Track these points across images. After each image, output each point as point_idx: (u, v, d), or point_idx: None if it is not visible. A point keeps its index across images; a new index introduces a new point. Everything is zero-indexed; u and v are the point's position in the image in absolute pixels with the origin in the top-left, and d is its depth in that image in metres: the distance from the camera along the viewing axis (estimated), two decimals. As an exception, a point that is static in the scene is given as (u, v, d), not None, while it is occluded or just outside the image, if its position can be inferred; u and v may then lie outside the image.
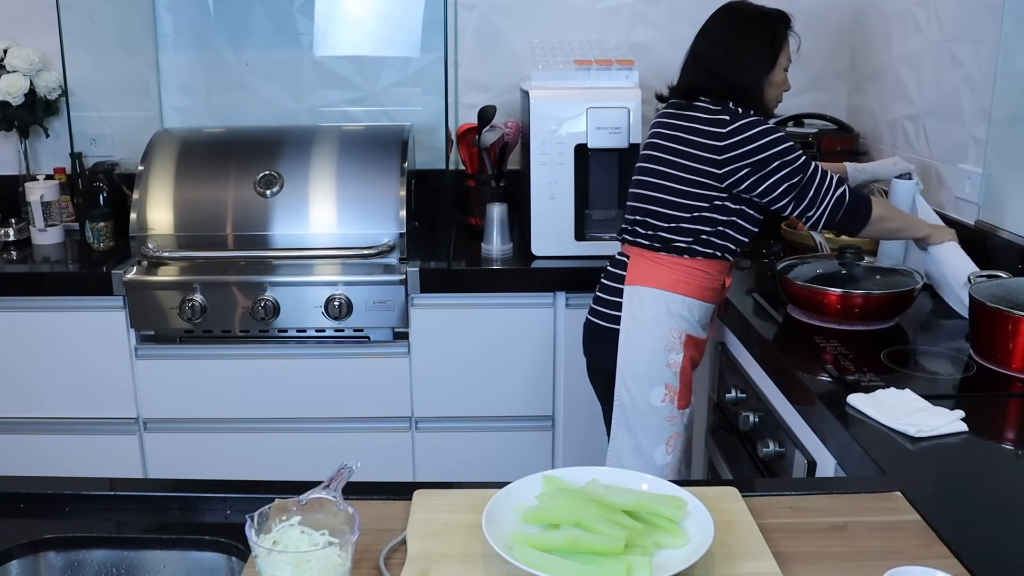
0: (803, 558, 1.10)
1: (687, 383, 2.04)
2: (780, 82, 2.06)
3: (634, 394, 2.01)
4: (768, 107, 2.08)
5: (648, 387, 2.00)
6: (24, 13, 2.85)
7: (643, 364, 2.00)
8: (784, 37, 2.06)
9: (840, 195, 1.96)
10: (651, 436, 2.02)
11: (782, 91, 2.09)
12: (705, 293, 2.02)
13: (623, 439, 2.04)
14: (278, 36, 2.95)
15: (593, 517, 1.07)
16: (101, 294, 2.46)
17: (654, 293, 1.99)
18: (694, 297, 2.00)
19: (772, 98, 2.07)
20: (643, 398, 2.01)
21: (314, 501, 1.05)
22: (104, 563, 1.19)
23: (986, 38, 2.20)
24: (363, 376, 2.52)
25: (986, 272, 1.93)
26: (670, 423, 2.02)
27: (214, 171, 2.63)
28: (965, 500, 1.28)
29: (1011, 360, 1.69)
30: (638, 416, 2.01)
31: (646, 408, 2.00)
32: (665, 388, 2.00)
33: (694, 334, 2.03)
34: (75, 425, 2.55)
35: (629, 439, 2.03)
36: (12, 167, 2.91)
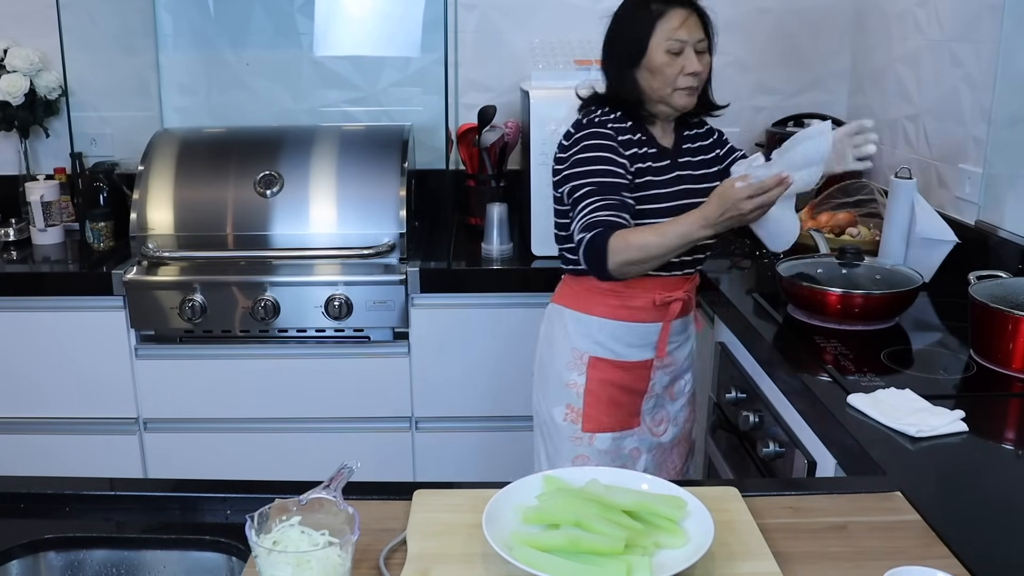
0: (803, 558, 1.10)
1: (595, 406, 1.92)
2: (661, 66, 1.79)
3: (541, 407, 2.01)
4: (659, 103, 1.85)
5: (552, 403, 1.97)
6: (24, 13, 2.85)
7: (548, 380, 1.98)
8: (654, 14, 1.80)
9: (580, 238, 1.75)
10: (558, 451, 1.98)
11: (676, 77, 1.80)
12: (618, 312, 1.89)
13: (538, 447, 2.05)
14: (278, 36, 2.95)
15: (593, 517, 1.07)
16: (101, 294, 2.46)
17: (558, 310, 1.96)
18: (602, 316, 1.89)
19: (658, 89, 1.82)
20: (548, 412, 1.99)
21: (314, 501, 1.05)
22: (104, 563, 1.19)
23: (986, 38, 2.20)
24: (363, 376, 2.52)
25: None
26: (574, 443, 1.95)
27: (214, 171, 2.63)
28: (965, 500, 1.28)
29: (1011, 360, 1.69)
30: (546, 428, 2.01)
31: (551, 422, 1.98)
32: (567, 408, 1.94)
33: (605, 356, 1.90)
34: (75, 425, 2.55)
35: (542, 448, 2.04)
36: (12, 167, 2.91)
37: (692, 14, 1.81)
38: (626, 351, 1.91)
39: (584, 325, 1.91)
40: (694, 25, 1.80)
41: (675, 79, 1.81)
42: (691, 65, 1.79)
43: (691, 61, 1.79)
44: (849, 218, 2.55)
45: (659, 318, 1.90)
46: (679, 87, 1.82)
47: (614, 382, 1.92)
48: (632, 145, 1.85)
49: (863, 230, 2.51)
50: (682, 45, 1.79)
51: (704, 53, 1.83)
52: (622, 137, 1.84)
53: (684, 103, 1.84)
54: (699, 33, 1.81)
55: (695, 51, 1.81)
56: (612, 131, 1.84)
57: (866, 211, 2.60)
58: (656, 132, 1.91)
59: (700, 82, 1.84)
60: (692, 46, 1.80)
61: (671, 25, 1.79)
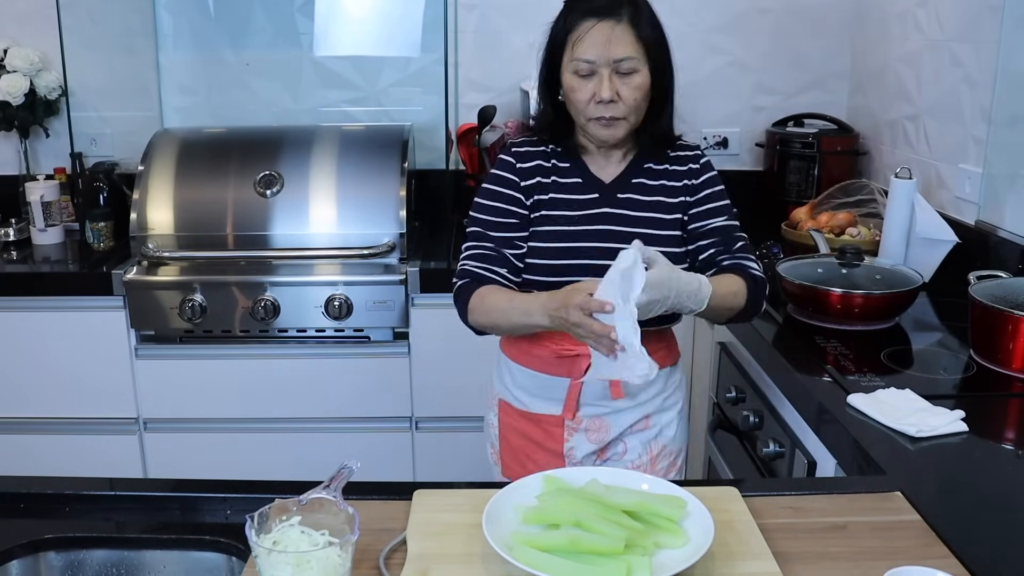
0: (803, 558, 1.10)
1: (510, 452, 1.72)
2: (568, 90, 1.54)
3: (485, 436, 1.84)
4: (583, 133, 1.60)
5: (486, 438, 1.81)
6: (24, 13, 2.85)
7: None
8: (568, 25, 1.53)
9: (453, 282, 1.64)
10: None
11: (587, 105, 1.52)
12: (523, 357, 1.67)
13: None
14: (278, 36, 2.95)
15: (593, 517, 1.08)
16: (101, 294, 2.46)
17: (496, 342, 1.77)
18: (511, 358, 1.70)
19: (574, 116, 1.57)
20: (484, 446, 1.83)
21: (314, 501, 1.05)
22: (104, 563, 1.19)
23: (986, 38, 2.20)
24: (363, 376, 2.52)
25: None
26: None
27: (214, 171, 2.63)
28: (965, 500, 1.27)
29: (1011, 360, 1.69)
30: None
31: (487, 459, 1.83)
32: (490, 447, 1.79)
33: (512, 403, 1.70)
34: (75, 425, 2.55)
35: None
36: (12, 167, 2.91)
37: (615, 26, 1.49)
38: (532, 401, 1.67)
39: (501, 364, 1.74)
40: (617, 40, 1.49)
41: (586, 107, 1.53)
42: (602, 91, 1.50)
43: (603, 86, 1.50)
44: (849, 218, 2.56)
45: (567, 372, 1.62)
46: (590, 116, 1.54)
47: (524, 433, 1.69)
48: (539, 173, 1.62)
49: (863, 230, 2.51)
50: (590, 67, 1.50)
51: (633, 74, 1.51)
52: (526, 164, 1.62)
53: (603, 135, 1.56)
54: (623, 50, 1.49)
55: (618, 72, 1.50)
56: (515, 157, 1.63)
57: (866, 211, 2.61)
58: (592, 161, 1.64)
59: (626, 111, 1.53)
60: (608, 67, 1.50)
61: (577, 39, 1.51)
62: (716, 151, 3.02)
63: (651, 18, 1.54)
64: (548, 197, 1.62)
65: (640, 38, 1.51)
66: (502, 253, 1.61)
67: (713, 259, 1.62)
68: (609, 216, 1.60)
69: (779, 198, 2.88)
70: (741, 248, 1.65)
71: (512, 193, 1.62)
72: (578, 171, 1.63)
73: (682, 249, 1.63)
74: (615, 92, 1.50)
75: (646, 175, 1.63)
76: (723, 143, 3.02)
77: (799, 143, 2.85)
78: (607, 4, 1.51)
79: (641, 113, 1.56)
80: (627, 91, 1.52)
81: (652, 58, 1.52)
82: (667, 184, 1.63)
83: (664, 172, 1.64)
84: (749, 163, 3.05)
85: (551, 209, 1.61)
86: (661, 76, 1.55)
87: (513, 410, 1.70)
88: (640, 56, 1.51)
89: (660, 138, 1.61)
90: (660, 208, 1.62)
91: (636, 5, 1.52)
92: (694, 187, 1.64)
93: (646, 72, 1.52)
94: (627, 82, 1.51)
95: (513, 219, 1.62)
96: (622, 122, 1.54)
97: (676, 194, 1.63)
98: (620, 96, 1.51)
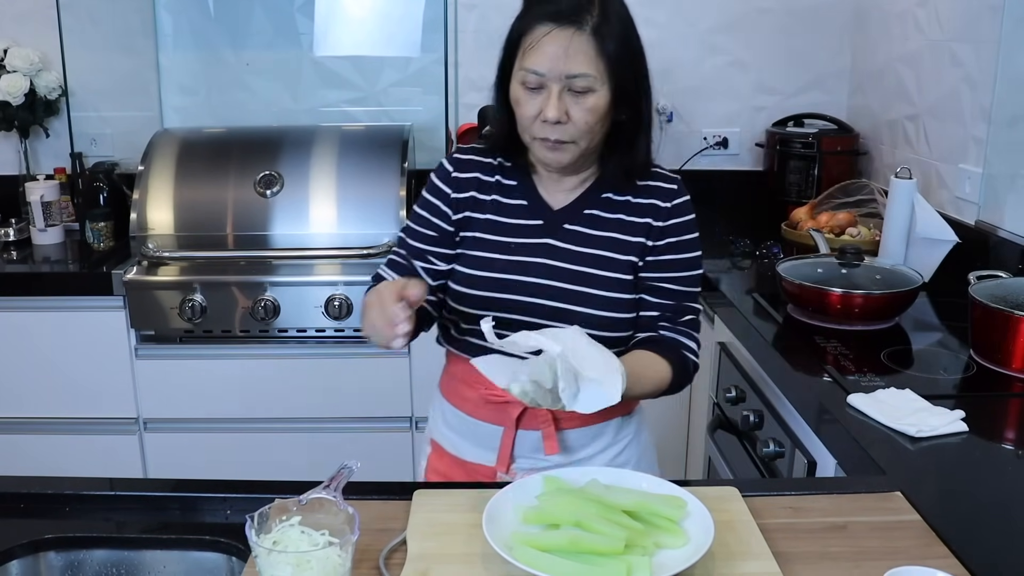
0: (803, 558, 1.10)
1: None
2: (514, 102, 1.35)
3: None
4: (530, 153, 1.41)
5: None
6: (24, 13, 2.85)
7: None
8: (522, 26, 1.32)
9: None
10: None
11: (532, 122, 1.33)
12: (454, 396, 1.52)
13: None
14: (278, 36, 2.95)
15: (593, 517, 1.07)
16: (101, 294, 2.46)
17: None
18: (443, 395, 1.55)
19: (527, 131, 1.36)
20: None
21: (314, 501, 1.05)
22: (104, 563, 1.19)
23: (986, 38, 2.19)
24: (363, 376, 2.51)
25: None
26: None
27: (214, 171, 2.63)
28: (965, 500, 1.27)
29: (1011, 360, 1.69)
30: None
31: None
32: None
33: (440, 443, 1.54)
34: (75, 425, 2.55)
35: None
36: (12, 167, 2.91)
37: (574, 35, 1.27)
38: (463, 445, 1.50)
39: (435, 401, 1.57)
40: (574, 53, 1.27)
41: (531, 124, 1.33)
42: (548, 110, 1.29)
43: (550, 104, 1.29)
44: (849, 218, 2.56)
45: (500, 420, 1.45)
46: (535, 135, 1.34)
47: (443, 474, 1.53)
48: (476, 188, 1.44)
49: (863, 230, 2.51)
50: (539, 80, 1.29)
51: (588, 93, 1.29)
52: (463, 175, 1.45)
53: (547, 158, 1.35)
54: (579, 65, 1.28)
55: (571, 90, 1.29)
56: (453, 165, 1.46)
57: (866, 211, 2.61)
58: (543, 184, 1.44)
59: (575, 135, 1.32)
60: (560, 82, 1.28)
61: (528, 46, 1.30)
62: (716, 151, 3.02)
63: (622, 29, 1.32)
64: (484, 218, 1.43)
65: (603, 52, 1.28)
66: (412, 265, 1.45)
67: (653, 323, 1.43)
68: (551, 249, 1.41)
69: (779, 198, 2.88)
70: (688, 323, 1.45)
71: (438, 204, 1.45)
72: (525, 193, 1.44)
73: (629, 296, 1.41)
74: (564, 112, 1.29)
75: (602, 206, 1.42)
76: (723, 143, 3.02)
77: (799, 143, 2.85)
78: (569, 7, 1.28)
79: (595, 137, 1.34)
80: (578, 112, 1.30)
81: (616, 76, 1.30)
82: (625, 219, 1.42)
83: (624, 205, 1.42)
84: (749, 163, 3.05)
85: (486, 232, 1.43)
86: (629, 98, 1.34)
87: (445, 453, 1.53)
88: (599, 74, 1.29)
89: (631, 171, 1.41)
90: (612, 246, 1.41)
91: (605, 12, 1.29)
92: (658, 230, 1.42)
93: (605, 92, 1.30)
94: (580, 102, 1.30)
95: (432, 232, 1.45)
96: (570, 146, 1.33)
97: (635, 232, 1.41)
98: (570, 117, 1.30)
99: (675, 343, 1.42)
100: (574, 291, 1.39)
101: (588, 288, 1.39)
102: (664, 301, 1.43)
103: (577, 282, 1.39)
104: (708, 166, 3.02)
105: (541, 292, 1.39)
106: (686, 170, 2.98)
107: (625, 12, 1.34)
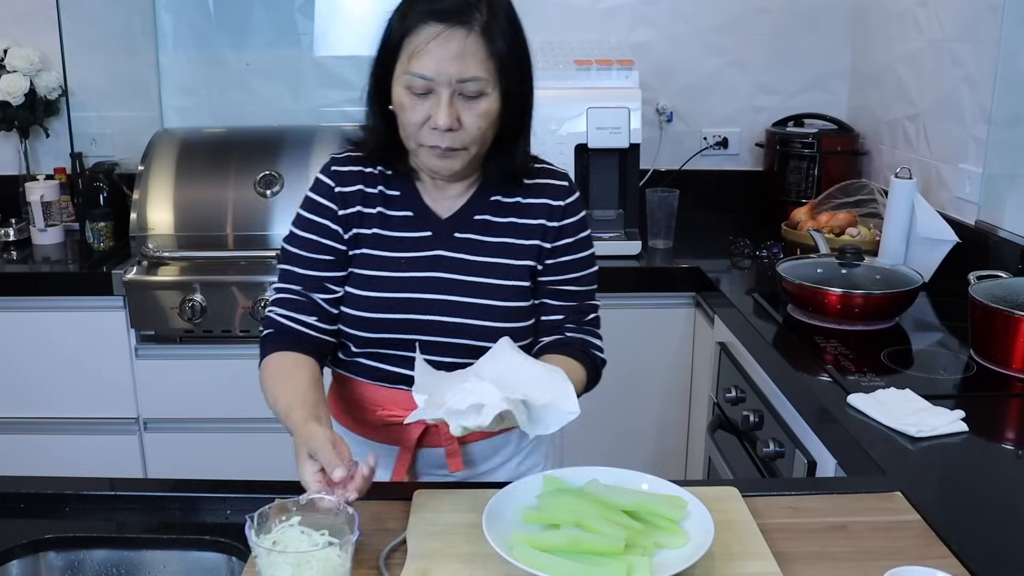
0: (803, 558, 1.10)
1: None
2: (398, 108, 1.26)
3: None
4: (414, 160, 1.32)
5: None
6: (24, 13, 2.84)
7: None
8: (406, 25, 1.23)
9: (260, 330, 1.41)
10: None
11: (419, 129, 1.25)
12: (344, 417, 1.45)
13: None
14: (278, 36, 2.94)
15: (593, 517, 1.08)
16: (101, 294, 2.46)
17: None
18: (339, 422, 1.44)
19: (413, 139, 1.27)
20: None
21: (314, 501, 1.05)
22: (104, 563, 1.19)
23: (986, 38, 2.20)
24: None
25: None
26: None
27: (214, 171, 2.63)
28: (965, 500, 1.27)
29: (1011, 360, 1.69)
30: None
31: None
32: None
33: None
34: (75, 425, 2.55)
35: None
36: (12, 167, 2.91)
37: (466, 37, 1.20)
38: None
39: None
40: (466, 56, 1.20)
41: (417, 131, 1.25)
42: (439, 117, 1.21)
43: (440, 111, 1.21)
44: (849, 218, 2.56)
45: (398, 442, 1.40)
46: (422, 143, 1.26)
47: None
48: (361, 201, 1.36)
49: (863, 230, 2.51)
50: (427, 84, 1.21)
51: (480, 98, 1.23)
52: (347, 188, 1.36)
53: (436, 166, 1.28)
54: (471, 68, 1.21)
55: (461, 95, 1.22)
56: (334, 179, 1.37)
57: (866, 211, 2.61)
58: (428, 191, 1.37)
59: (467, 141, 1.25)
60: (450, 87, 1.21)
61: (415, 48, 1.21)
62: (716, 151, 3.02)
63: (509, 26, 1.25)
64: (371, 232, 1.35)
65: (493, 53, 1.22)
66: (311, 299, 1.35)
67: (560, 326, 1.39)
68: (444, 261, 1.34)
69: (779, 198, 2.88)
70: (592, 321, 1.43)
71: (326, 223, 1.35)
72: (410, 202, 1.36)
73: (529, 304, 1.36)
74: (455, 118, 1.22)
75: (492, 210, 1.35)
76: (723, 143, 3.02)
77: (799, 143, 2.85)
78: (456, 7, 1.21)
79: (487, 142, 1.28)
80: (471, 118, 1.23)
81: (506, 78, 1.24)
82: (517, 222, 1.36)
83: (515, 207, 1.36)
84: (749, 163, 3.05)
85: (374, 248, 1.35)
86: (516, 99, 1.28)
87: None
88: (490, 76, 1.22)
89: (511, 174, 1.34)
90: (508, 252, 1.35)
91: (492, 9, 1.23)
92: (554, 231, 1.36)
93: (496, 96, 1.24)
94: (471, 107, 1.23)
95: (327, 256, 1.36)
96: (461, 152, 1.26)
97: (529, 235, 1.35)
98: (462, 123, 1.23)
99: (584, 344, 1.39)
100: (471, 304, 1.33)
101: (486, 300, 1.33)
102: (567, 303, 1.39)
103: (473, 294, 1.33)
104: (708, 166, 3.02)
105: (436, 309, 1.32)
106: (686, 170, 2.98)
107: (510, 5, 1.28)
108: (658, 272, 2.51)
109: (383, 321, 1.33)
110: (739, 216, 2.96)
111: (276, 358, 1.33)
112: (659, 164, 3.00)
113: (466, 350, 1.32)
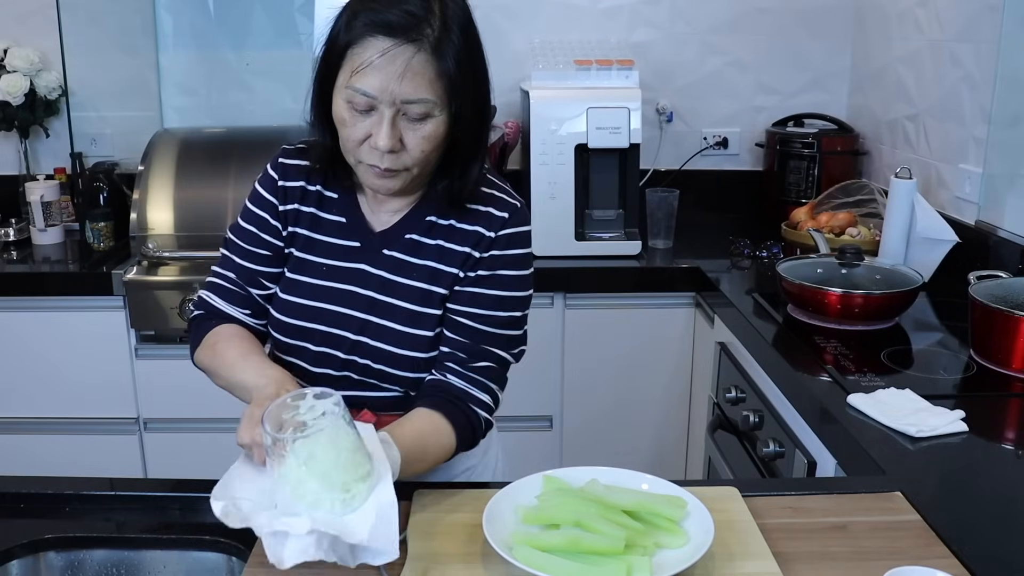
0: (803, 558, 1.10)
1: None
2: (338, 122, 1.18)
3: None
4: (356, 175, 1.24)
5: None
6: (24, 13, 2.85)
7: None
8: (351, 35, 1.14)
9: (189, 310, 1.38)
10: None
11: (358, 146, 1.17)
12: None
13: None
14: (278, 36, 2.95)
15: (593, 517, 1.07)
16: (101, 294, 2.46)
17: None
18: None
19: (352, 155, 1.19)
20: None
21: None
22: (104, 563, 1.19)
23: (986, 38, 2.20)
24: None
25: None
26: None
27: (214, 171, 2.63)
28: (965, 500, 1.27)
29: (1011, 360, 1.69)
30: None
31: None
32: None
33: None
34: (75, 425, 2.55)
35: None
36: (12, 167, 2.91)
37: (413, 55, 1.11)
38: None
39: None
40: (412, 75, 1.12)
41: (356, 148, 1.18)
42: (379, 138, 1.14)
43: (382, 132, 1.13)
44: (849, 218, 2.56)
45: None
46: (362, 160, 1.19)
47: None
48: (299, 199, 1.30)
49: (863, 230, 2.51)
50: (369, 102, 1.13)
51: (425, 120, 1.15)
52: (289, 183, 1.30)
53: (374, 185, 1.21)
54: (417, 89, 1.13)
55: (405, 116, 1.15)
56: (279, 172, 1.31)
57: (866, 211, 2.61)
58: (368, 200, 1.30)
59: (409, 163, 1.18)
60: (393, 107, 1.13)
61: (358, 63, 1.13)
62: (716, 151, 3.02)
63: (464, 42, 1.16)
64: (304, 234, 1.30)
65: (443, 74, 1.13)
66: (246, 291, 1.31)
67: (443, 364, 1.27)
68: (362, 276, 1.28)
69: (779, 198, 2.88)
70: (483, 371, 1.27)
71: (266, 217, 1.30)
72: (346, 208, 1.30)
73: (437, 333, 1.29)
74: (397, 140, 1.15)
75: (423, 230, 1.28)
76: (723, 143, 3.02)
77: (799, 143, 2.85)
78: (405, 20, 1.12)
79: (431, 164, 1.21)
80: (414, 140, 1.16)
81: (455, 99, 1.15)
82: (444, 246, 1.27)
83: (447, 231, 1.27)
84: (749, 163, 3.05)
85: (304, 251, 1.30)
86: (469, 123, 1.19)
87: None
88: (437, 99, 1.14)
89: (458, 196, 1.25)
90: (430, 277, 1.27)
91: (445, 23, 1.14)
92: (473, 261, 1.27)
93: (443, 119, 1.16)
94: (416, 129, 1.16)
95: (264, 251, 1.31)
96: (402, 173, 1.19)
97: (453, 262, 1.27)
98: (404, 144, 1.16)
99: (462, 397, 1.25)
100: (377, 324, 1.26)
101: (393, 323, 1.26)
102: (458, 338, 1.26)
103: (382, 315, 1.27)
104: (708, 166, 3.02)
105: (343, 323, 1.27)
106: (686, 170, 2.98)
107: (466, 17, 1.20)
108: (658, 272, 2.52)
109: (297, 328, 1.29)
110: (739, 216, 2.96)
111: (226, 330, 1.30)
112: (659, 164, 3.00)
113: (373, 372, 1.28)
